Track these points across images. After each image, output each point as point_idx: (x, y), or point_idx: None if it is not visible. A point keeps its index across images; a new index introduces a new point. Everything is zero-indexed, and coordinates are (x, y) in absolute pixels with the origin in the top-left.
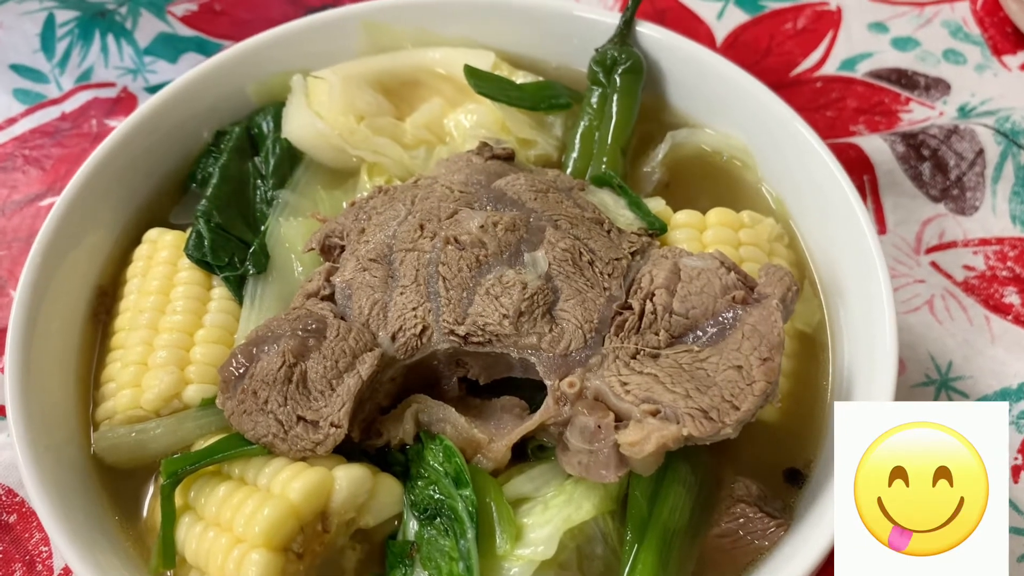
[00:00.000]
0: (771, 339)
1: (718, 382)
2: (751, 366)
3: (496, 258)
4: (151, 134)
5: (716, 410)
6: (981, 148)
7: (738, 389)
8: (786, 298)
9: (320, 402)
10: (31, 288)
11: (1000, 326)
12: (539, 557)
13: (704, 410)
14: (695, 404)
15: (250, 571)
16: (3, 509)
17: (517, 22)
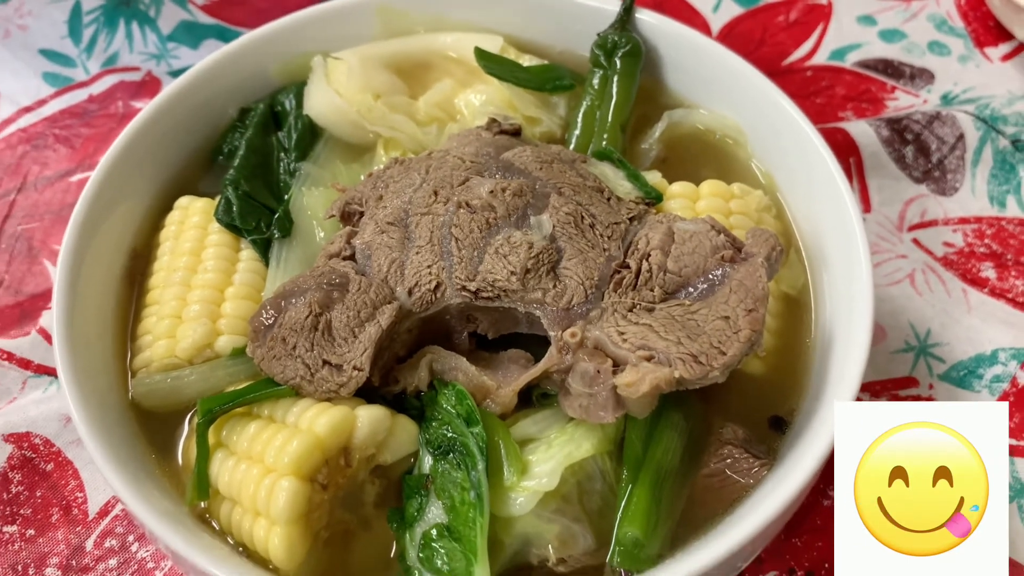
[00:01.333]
0: (756, 292)
1: (707, 331)
2: (737, 316)
3: (504, 221)
4: (180, 110)
5: (705, 355)
6: (961, 133)
7: (725, 336)
8: (771, 257)
9: (344, 348)
10: (72, 252)
11: (976, 298)
12: (543, 488)
13: (694, 355)
14: (686, 350)
15: (280, 496)
16: (41, 458)
17: (524, 9)
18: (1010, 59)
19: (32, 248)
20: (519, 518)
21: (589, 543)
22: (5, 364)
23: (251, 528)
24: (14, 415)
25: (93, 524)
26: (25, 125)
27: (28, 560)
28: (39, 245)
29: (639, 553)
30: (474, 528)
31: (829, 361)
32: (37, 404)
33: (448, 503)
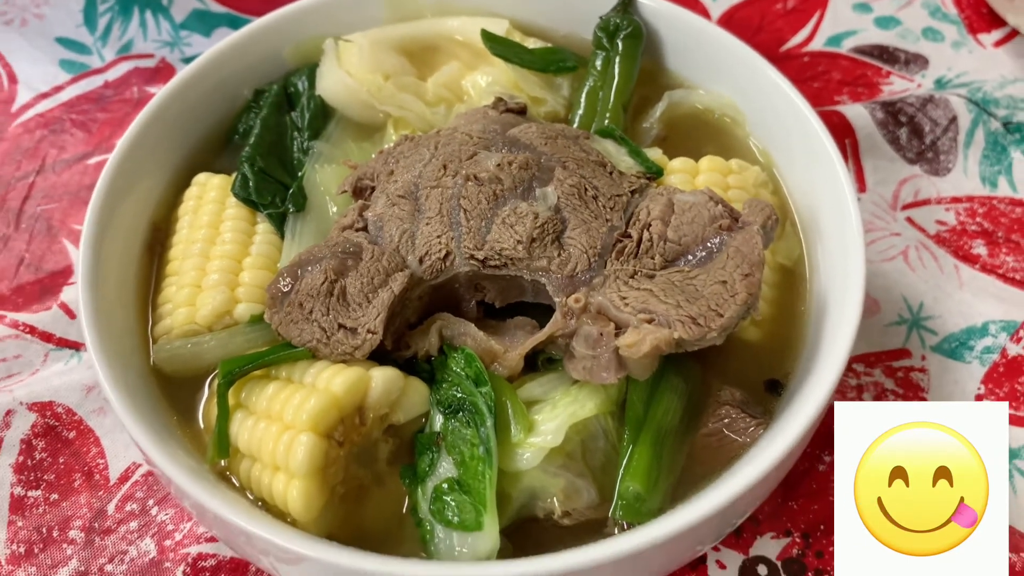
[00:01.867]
0: (752, 258)
1: (705, 295)
2: (734, 281)
3: (511, 192)
4: (197, 91)
5: (703, 317)
6: (954, 115)
7: (723, 299)
8: (766, 225)
9: (358, 312)
10: (95, 226)
11: (968, 273)
12: (548, 445)
13: (693, 317)
14: (685, 312)
15: (299, 451)
16: (64, 426)
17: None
18: (1002, 45)
19: (51, 227)
20: (526, 472)
21: (592, 497)
22: (28, 337)
23: (270, 483)
24: (37, 385)
25: (114, 489)
26: (43, 110)
27: (52, 523)
28: (58, 225)
29: (640, 507)
30: (483, 481)
31: (823, 328)
32: (59, 375)
33: (458, 458)
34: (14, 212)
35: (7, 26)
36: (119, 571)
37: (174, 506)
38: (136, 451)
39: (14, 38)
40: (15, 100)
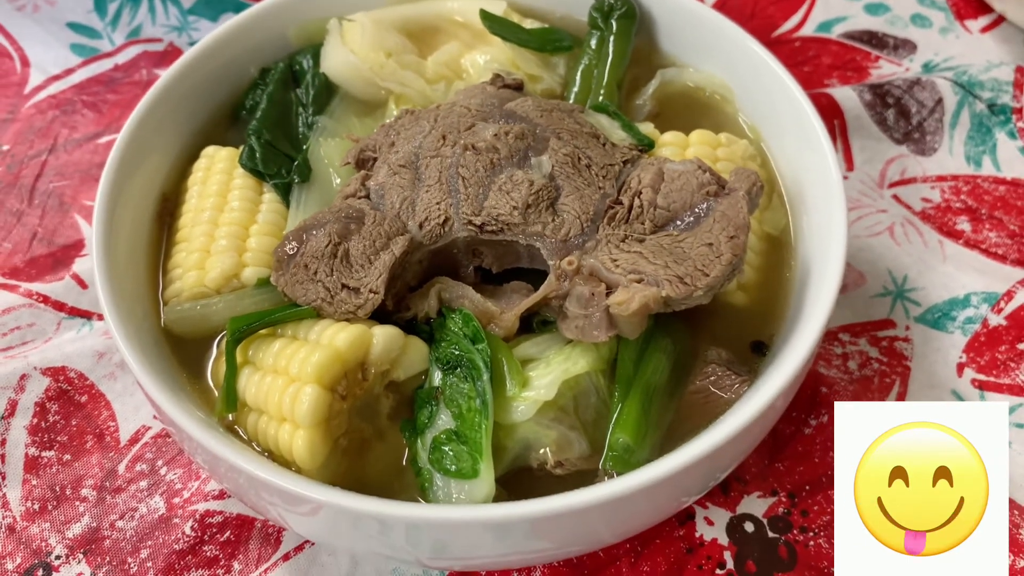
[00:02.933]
0: (737, 221)
1: (692, 256)
2: (720, 243)
3: (507, 161)
4: (206, 69)
5: (690, 276)
6: (940, 97)
7: (708, 260)
8: (751, 191)
9: (361, 273)
10: (107, 197)
11: (952, 248)
12: (542, 398)
13: (680, 276)
14: (672, 272)
15: (304, 401)
16: (76, 390)
17: None
18: (989, 31)
19: (63, 203)
20: (520, 424)
21: (584, 448)
22: (41, 306)
23: (276, 433)
24: (51, 352)
25: (124, 450)
26: (55, 92)
27: (65, 482)
28: (70, 201)
29: (629, 458)
30: (479, 431)
31: (806, 293)
32: (72, 342)
33: (456, 411)
34: (27, 189)
35: (20, 12)
36: (129, 527)
37: (182, 466)
38: (145, 414)
39: (27, 23)
40: (28, 82)
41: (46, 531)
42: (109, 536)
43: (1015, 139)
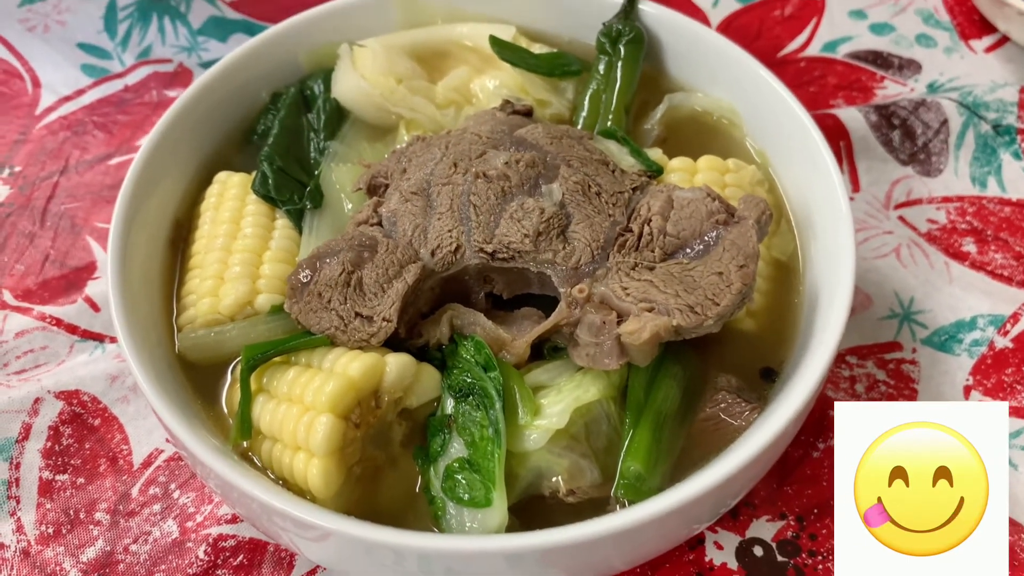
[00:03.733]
0: (747, 250)
1: (702, 285)
2: (730, 272)
3: (519, 189)
4: (218, 94)
5: (700, 305)
6: (945, 118)
7: (719, 289)
8: (760, 219)
9: (374, 301)
10: (121, 222)
11: (958, 270)
12: (553, 426)
13: (691, 306)
14: (683, 301)
15: (319, 430)
16: (89, 414)
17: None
18: (993, 51)
19: (75, 225)
20: (532, 452)
21: (595, 477)
22: (54, 329)
23: (291, 462)
24: (64, 375)
25: (138, 473)
26: (65, 113)
27: (79, 505)
28: (81, 223)
29: (641, 486)
30: (492, 460)
31: (815, 318)
32: (84, 365)
33: (469, 439)
34: (39, 211)
35: (31, 32)
36: (143, 551)
37: (195, 489)
38: (158, 437)
39: (38, 44)
40: (39, 103)
41: (60, 555)
42: (123, 560)
43: (1020, 159)
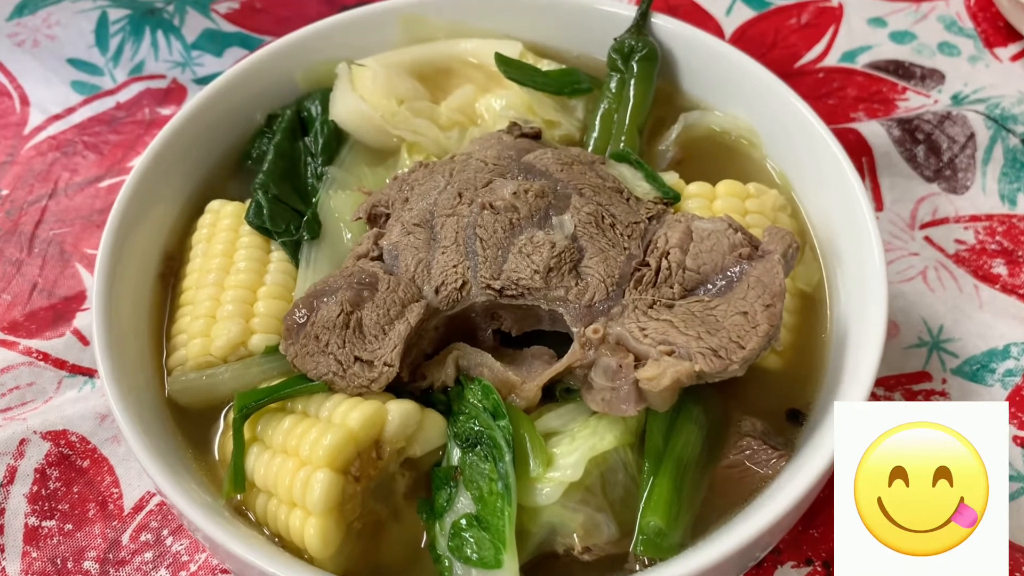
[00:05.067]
0: (773, 288)
1: (726, 326)
2: (756, 312)
3: (527, 221)
4: (210, 116)
5: (724, 349)
6: (972, 132)
7: (744, 331)
8: (787, 254)
9: (375, 344)
10: (108, 255)
11: (988, 294)
12: (567, 479)
13: (714, 349)
14: (706, 344)
15: (316, 488)
16: (78, 455)
17: (542, 15)
18: (1020, 59)
19: (64, 252)
20: (545, 508)
21: (613, 532)
22: (41, 364)
23: (287, 519)
24: (51, 413)
25: (129, 519)
26: (55, 132)
27: (67, 554)
28: (71, 249)
29: (662, 542)
30: (502, 518)
31: (844, 355)
32: (73, 403)
33: (476, 494)
34: (27, 236)
35: (19, 47)
36: None
37: (189, 537)
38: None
39: (26, 59)
40: (27, 122)
41: None
42: None
43: None
